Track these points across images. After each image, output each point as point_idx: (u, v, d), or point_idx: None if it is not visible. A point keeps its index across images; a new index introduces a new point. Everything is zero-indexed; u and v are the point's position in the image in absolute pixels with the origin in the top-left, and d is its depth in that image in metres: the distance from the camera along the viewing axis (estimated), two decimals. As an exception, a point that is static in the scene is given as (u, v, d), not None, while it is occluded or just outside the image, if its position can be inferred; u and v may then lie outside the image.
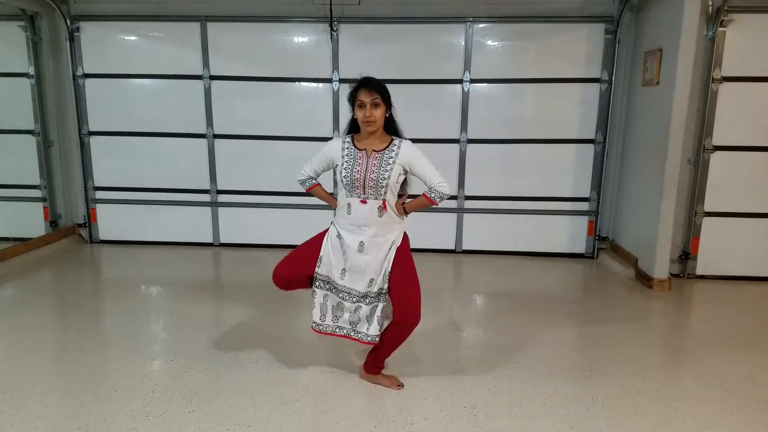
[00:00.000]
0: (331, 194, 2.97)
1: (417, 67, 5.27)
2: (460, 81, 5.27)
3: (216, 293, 4.53)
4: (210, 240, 5.76)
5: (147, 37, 5.43)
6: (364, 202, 2.68)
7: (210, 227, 5.74)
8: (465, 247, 5.62)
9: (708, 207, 4.79)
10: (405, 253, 2.76)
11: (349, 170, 2.66)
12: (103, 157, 5.67)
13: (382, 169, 2.64)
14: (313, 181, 2.93)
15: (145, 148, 5.61)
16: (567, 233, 5.53)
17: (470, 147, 5.39)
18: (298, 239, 2.88)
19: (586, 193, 5.44)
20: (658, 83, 4.59)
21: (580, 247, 5.55)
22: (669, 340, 3.71)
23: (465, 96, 5.29)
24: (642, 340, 3.63)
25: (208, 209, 5.70)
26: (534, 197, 5.47)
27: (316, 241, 2.82)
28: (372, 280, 2.72)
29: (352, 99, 2.66)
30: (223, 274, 5.15)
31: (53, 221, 5.72)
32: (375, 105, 2.60)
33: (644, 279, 4.70)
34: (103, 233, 5.83)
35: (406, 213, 2.79)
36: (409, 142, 2.74)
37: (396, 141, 2.72)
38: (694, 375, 3.16)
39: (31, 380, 2.95)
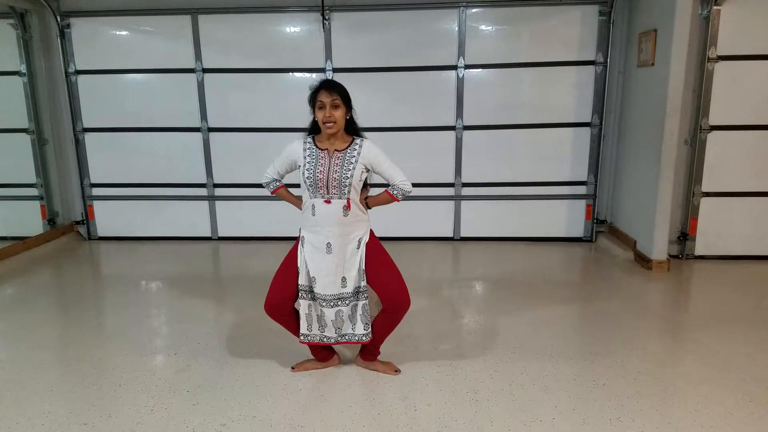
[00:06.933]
0: (298, 197, 2.92)
1: (410, 54, 5.25)
2: (454, 67, 5.25)
3: (216, 287, 4.54)
4: (208, 234, 5.76)
5: (138, 31, 5.39)
6: (328, 202, 2.68)
7: (208, 221, 5.73)
8: (463, 234, 5.62)
9: (705, 187, 4.79)
10: (376, 247, 2.78)
11: (311, 170, 2.67)
12: (98, 153, 5.66)
13: (345, 168, 2.65)
14: (278, 183, 2.93)
15: (140, 143, 5.59)
16: (565, 217, 5.54)
17: (466, 133, 5.38)
18: (297, 231, 2.86)
19: (583, 177, 5.44)
20: (653, 64, 4.57)
21: (579, 231, 5.55)
22: (669, 321, 3.73)
23: (460, 82, 5.27)
24: (642, 321, 3.65)
25: (206, 203, 5.70)
26: (531, 182, 5.46)
27: (292, 257, 2.81)
28: (344, 278, 2.74)
29: (313, 100, 2.67)
30: (223, 268, 5.15)
31: (51, 219, 5.71)
32: (335, 106, 2.61)
33: (643, 261, 4.72)
34: (101, 230, 5.83)
35: (368, 207, 2.81)
36: (370, 141, 2.75)
37: (357, 140, 2.73)
38: (694, 355, 3.18)
39: (35, 377, 2.96)
